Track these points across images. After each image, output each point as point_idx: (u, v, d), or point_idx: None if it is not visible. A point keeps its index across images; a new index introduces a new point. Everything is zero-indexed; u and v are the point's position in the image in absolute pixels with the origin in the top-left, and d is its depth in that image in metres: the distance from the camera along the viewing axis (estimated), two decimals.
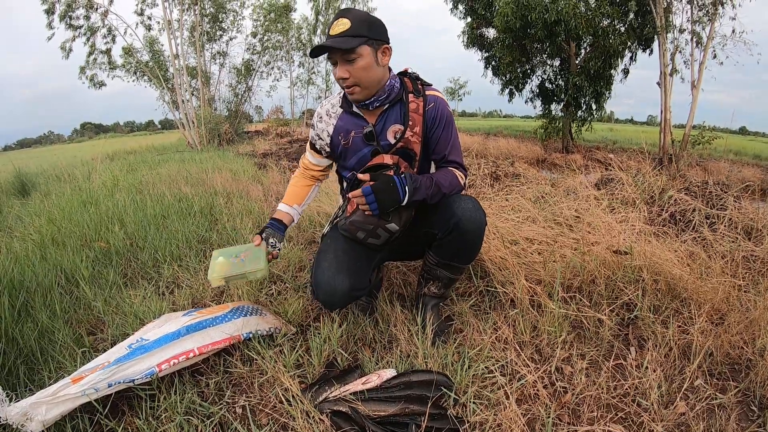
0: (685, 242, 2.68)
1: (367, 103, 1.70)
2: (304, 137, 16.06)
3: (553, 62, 13.48)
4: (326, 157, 1.96)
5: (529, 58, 13.30)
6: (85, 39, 14.16)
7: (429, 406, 1.41)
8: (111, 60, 15.02)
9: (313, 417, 1.41)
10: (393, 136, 1.74)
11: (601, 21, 10.80)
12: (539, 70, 13.88)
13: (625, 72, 12.67)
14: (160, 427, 1.40)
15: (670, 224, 3.30)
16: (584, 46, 12.29)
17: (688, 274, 2.14)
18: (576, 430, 1.38)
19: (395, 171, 1.63)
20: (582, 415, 1.46)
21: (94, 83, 15.10)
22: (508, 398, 1.47)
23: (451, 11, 15.02)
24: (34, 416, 1.24)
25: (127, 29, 15.73)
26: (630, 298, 2.07)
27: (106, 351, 1.61)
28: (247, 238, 3.22)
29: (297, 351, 1.76)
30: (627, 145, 15.97)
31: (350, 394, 1.49)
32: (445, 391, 1.50)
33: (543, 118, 14.21)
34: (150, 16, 15.04)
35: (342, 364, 1.73)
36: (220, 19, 16.78)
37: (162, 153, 12.40)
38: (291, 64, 20.39)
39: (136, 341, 1.59)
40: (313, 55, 1.61)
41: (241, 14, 17.40)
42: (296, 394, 1.48)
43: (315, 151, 1.97)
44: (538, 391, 1.54)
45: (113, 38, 14.55)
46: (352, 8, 1.62)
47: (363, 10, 1.63)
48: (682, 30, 9.98)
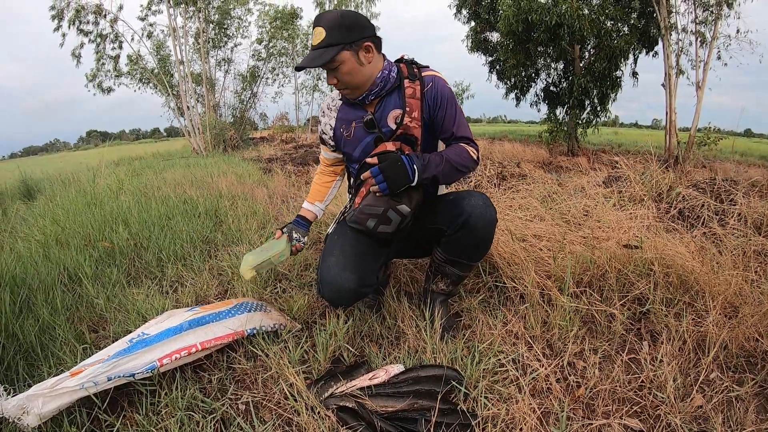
0: (695, 237, 2.63)
1: (362, 98, 1.70)
2: (310, 143, 16.08)
3: (557, 65, 13.43)
4: (334, 151, 1.95)
5: (534, 62, 13.26)
6: (95, 45, 14.26)
7: (438, 400, 1.37)
8: (117, 67, 15.11)
9: (319, 412, 1.37)
10: (394, 122, 1.71)
11: (605, 22, 10.76)
12: (543, 73, 13.84)
13: (635, 75, 12.60)
14: (160, 423, 1.37)
15: (679, 221, 3.25)
16: (588, 48, 12.24)
17: (700, 268, 2.10)
18: (591, 424, 1.33)
19: (400, 153, 1.61)
20: (597, 408, 1.41)
21: (101, 89, 15.18)
22: (520, 391, 1.43)
23: (455, 16, 15.03)
24: (31, 409, 1.21)
25: (134, 35, 15.83)
26: (641, 292, 2.03)
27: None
28: (252, 238, 3.20)
29: (302, 347, 1.72)
30: (632, 147, 15.87)
31: (357, 390, 1.45)
32: (456, 385, 1.46)
33: (548, 122, 14.15)
34: (153, 24, 15.14)
35: (348, 360, 1.69)
36: (225, 25, 16.84)
37: (167, 159, 12.43)
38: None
39: (138, 336, 1.56)
40: (298, 70, 1.66)
41: (246, 21, 17.48)
42: (301, 390, 1.45)
43: (325, 145, 1.96)
44: (550, 385, 1.50)
45: (120, 44, 14.63)
46: (324, 14, 1.59)
47: (335, 12, 1.58)
48: (686, 30, 9.94)
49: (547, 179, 4.73)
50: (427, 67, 1.77)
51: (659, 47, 10.58)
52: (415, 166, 1.57)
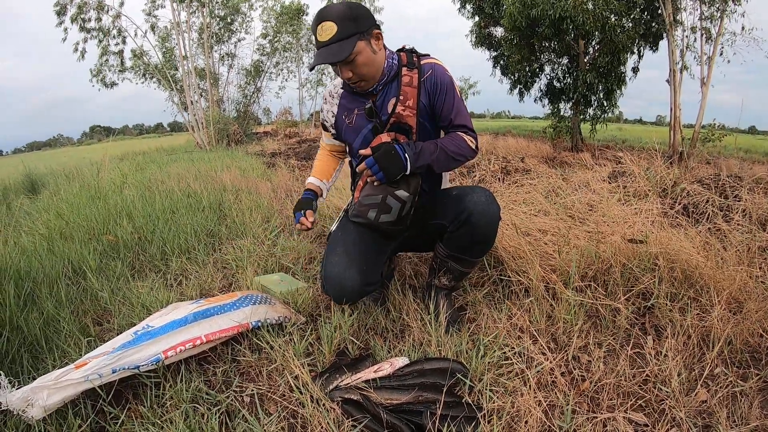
0: (700, 233, 2.62)
1: (372, 89, 1.69)
2: (313, 138, 16.06)
3: (561, 60, 13.37)
4: (335, 138, 1.94)
5: (538, 57, 13.20)
6: (98, 41, 14.24)
7: (444, 393, 1.37)
8: (123, 61, 15.09)
9: (324, 405, 1.37)
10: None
11: (610, 16, 10.68)
12: (547, 68, 13.78)
13: (634, 70, 12.54)
14: (165, 415, 1.37)
15: (684, 216, 3.24)
16: (593, 44, 12.17)
17: (705, 263, 2.09)
18: (596, 417, 1.33)
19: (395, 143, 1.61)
20: (601, 402, 1.41)
21: (105, 83, 15.17)
22: (525, 385, 1.42)
23: (459, 11, 14.97)
24: (36, 401, 1.21)
25: (137, 31, 15.82)
26: (646, 287, 2.02)
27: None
28: (256, 231, 3.19)
29: (307, 339, 1.72)
30: (636, 143, 15.81)
31: (362, 382, 1.45)
32: (461, 378, 1.46)
33: (552, 117, 14.10)
34: (156, 17, 15.11)
35: (353, 353, 1.69)
36: (229, 20, 16.80)
37: (171, 153, 12.44)
38: (300, 65, 20.36)
39: (142, 328, 1.56)
40: (312, 69, 1.63)
41: (250, 16, 17.44)
42: (306, 382, 1.45)
43: (326, 131, 1.95)
44: (555, 378, 1.50)
45: (123, 39, 14.61)
46: (329, 7, 1.55)
47: (340, 4, 1.56)
48: (693, 29, 9.87)
49: (552, 174, 4.72)
50: (428, 55, 1.76)
51: (663, 43, 10.53)
52: (407, 154, 1.57)
